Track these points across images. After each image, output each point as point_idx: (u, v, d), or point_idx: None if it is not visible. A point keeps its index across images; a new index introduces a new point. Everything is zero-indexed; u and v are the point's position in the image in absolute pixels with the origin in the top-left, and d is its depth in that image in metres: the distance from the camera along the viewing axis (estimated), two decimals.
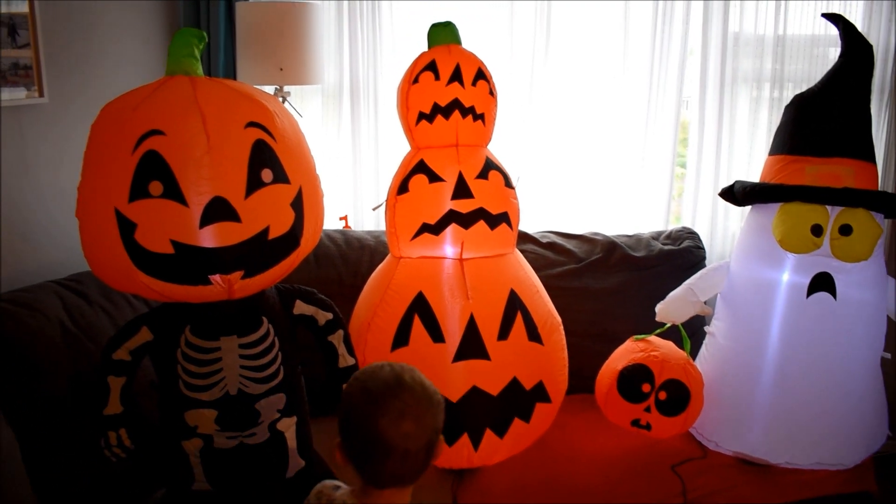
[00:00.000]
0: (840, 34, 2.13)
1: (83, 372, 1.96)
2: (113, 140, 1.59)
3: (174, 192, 1.54)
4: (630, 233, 2.80)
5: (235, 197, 1.58)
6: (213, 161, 1.55)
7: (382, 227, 2.59)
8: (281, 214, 1.67)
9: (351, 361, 1.92)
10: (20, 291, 2.04)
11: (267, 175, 1.62)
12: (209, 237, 1.57)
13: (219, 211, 1.56)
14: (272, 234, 1.65)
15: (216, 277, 1.60)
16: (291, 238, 1.70)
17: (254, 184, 1.60)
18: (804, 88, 2.24)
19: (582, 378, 2.35)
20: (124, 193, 1.55)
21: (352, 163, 3.03)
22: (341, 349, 1.91)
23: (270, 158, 1.64)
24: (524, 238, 2.68)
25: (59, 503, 1.92)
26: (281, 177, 1.65)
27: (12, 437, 1.85)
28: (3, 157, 2.16)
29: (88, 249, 1.67)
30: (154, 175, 1.54)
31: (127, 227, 1.56)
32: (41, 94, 2.26)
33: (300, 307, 1.86)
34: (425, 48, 2.15)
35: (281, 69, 2.58)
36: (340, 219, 2.98)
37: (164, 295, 1.65)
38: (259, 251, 1.64)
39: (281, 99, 2.75)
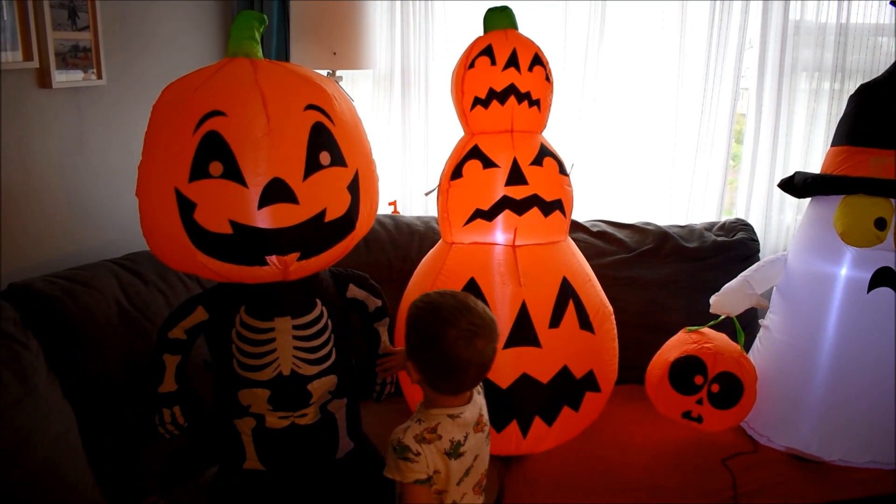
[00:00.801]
0: None
1: (138, 350, 1.99)
2: (174, 120, 1.60)
3: (234, 173, 1.55)
4: (682, 223, 2.76)
5: (294, 179, 1.58)
6: (273, 143, 1.56)
7: (431, 212, 2.60)
8: (338, 197, 1.67)
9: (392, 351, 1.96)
10: (77, 270, 2.07)
11: (325, 158, 1.63)
12: (267, 218, 1.57)
13: (277, 192, 1.57)
14: (329, 217, 1.65)
15: (272, 258, 1.61)
16: (347, 221, 1.70)
17: (312, 166, 1.61)
18: (865, 79, 2.19)
19: (631, 369, 2.33)
20: (185, 173, 1.56)
21: (401, 148, 3.03)
22: (384, 337, 1.94)
23: (328, 141, 1.64)
24: (574, 227, 2.65)
25: (115, 478, 1.96)
26: (338, 160, 1.66)
27: (70, 412, 1.89)
28: (61, 138, 2.20)
29: (147, 228, 1.69)
30: (214, 155, 1.55)
31: (186, 207, 1.57)
32: (99, 76, 2.29)
33: (353, 291, 1.87)
34: (479, 33, 2.13)
35: (334, 53, 2.59)
36: (389, 204, 2.99)
37: (220, 275, 1.66)
38: (315, 233, 1.64)
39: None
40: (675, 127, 2.92)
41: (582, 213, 2.77)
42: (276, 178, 1.57)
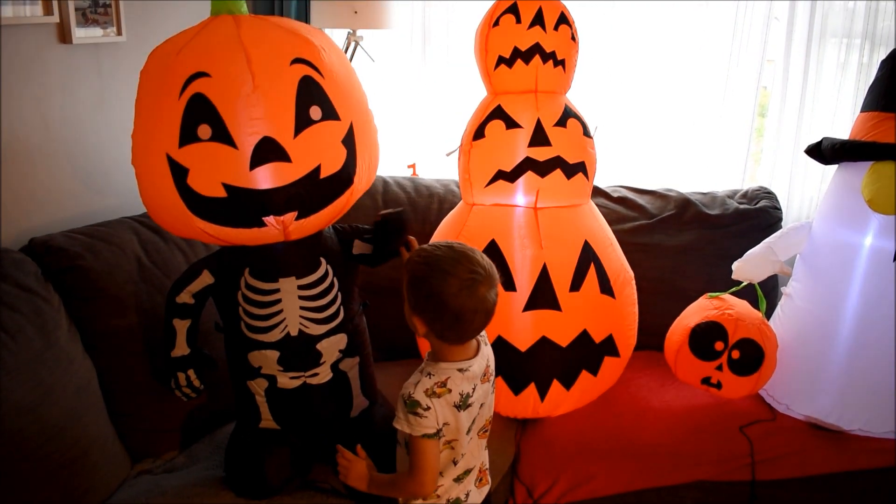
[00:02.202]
0: None
1: (158, 305, 1.99)
2: (160, 85, 1.58)
3: (223, 135, 1.53)
4: (705, 190, 2.73)
5: (284, 136, 1.56)
6: (260, 101, 1.53)
7: (451, 175, 2.58)
8: (332, 152, 1.64)
9: None
10: (97, 226, 2.08)
11: (316, 112, 1.60)
12: (260, 178, 1.56)
13: (268, 151, 1.54)
14: (324, 173, 1.63)
15: (270, 219, 1.59)
16: (344, 176, 1.68)
17: (302, 122, 1.58)
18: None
19: (649, 335, 2.33)
20: (174, 138, 1.55)
21: (421, 110, 3.00)
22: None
23: (318, 95, 1.61)
24: (595, 192, 2.62)
25: (135, 431, 1.99)
26: (330, 113, 1.63)
27: (90, 367, 1.91)
28: (81, 95, 2.20)
29: (146, 196, 1.68)
30: (202, 118, 1.53)
31: (179, 173, 1.56)
32: (119, 33, 2.27)
33: (359, 247, 1.85)
34: None
35: (356, 12, 2.55)
36: (409, 167, 2.97)
37: (220, 239, 1.66)
38: (311, 191, 1.62)
39: (354, 43, 2.73)
40: (700, 92, 2.87)
41: (603, 178, 2.74)
42: (266, 137, 1.54)
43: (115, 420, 1.95)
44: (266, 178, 1.56)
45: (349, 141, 1.67)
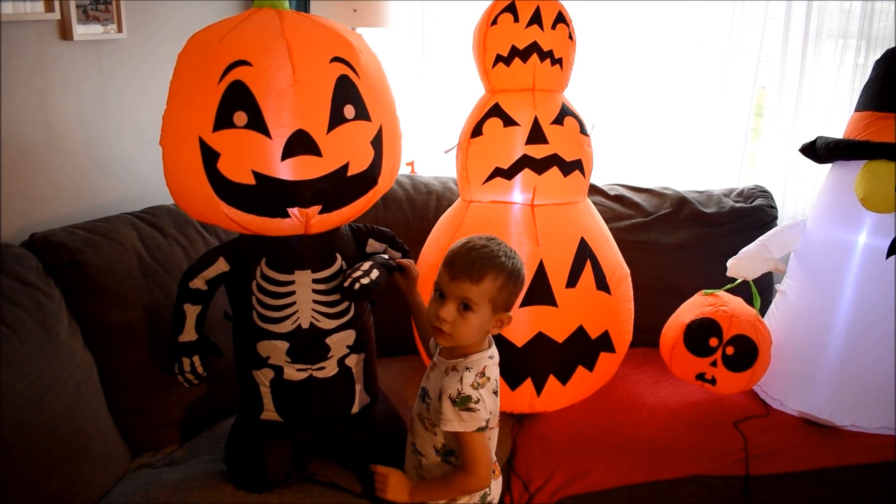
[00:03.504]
0: None
1: (158, 301, 2.01)
2: (199, 69, 1.59)
3: (258, 123, 1.55)
4: (701, 189, 2.75)
5: (317, 131, 1.58)
6: (298, 94, 1.56)
7: (449, 173, 2.60)
8: (361, 151, 1.67)
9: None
10: (98, 222, 2.09)
11: (349, 111, 1.62)
12: (290, 170, 1.58)
13: (300, 144, 1.57)
14: (351, 171, 1.65)
15: (294, 211, 1.61)
16: (370, 176, 1.70)
17: (336, 119, 1.60)
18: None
19: (645, 332, 2.35)
20: (209, 122, 1.56)
21: (420, 108, 3.02)
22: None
23: (353, 95, 1.64)
24: (592, 190, 2.62)
25: (135, 425, 2.00)
26: (363, 114, 1.65)
27: (91, 361, 1.92)
28: (82, 91, 2.21)
29: (171, 178, 1.69)
30: (239, 105, 1.55)
31: (210, 157, 1.58)
32: (120, 30, 2.28)
33: (373, 245, 1.87)
34: None
35: (355, 10, 2.57)
36: (407, 164, 2.98)
37: (242, 226, 1.67)
38: (338, 187, 1.64)
39: None
40: (697, 93, 2.89)
41: (600, 176, 2.76)
42: (299, 130, 1.56)
43: (115, 414, 1.96)
44: (296, 169, 1.58)
45: (377, 142, 1.70)
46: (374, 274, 1.71)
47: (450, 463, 1.56)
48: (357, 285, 1.67)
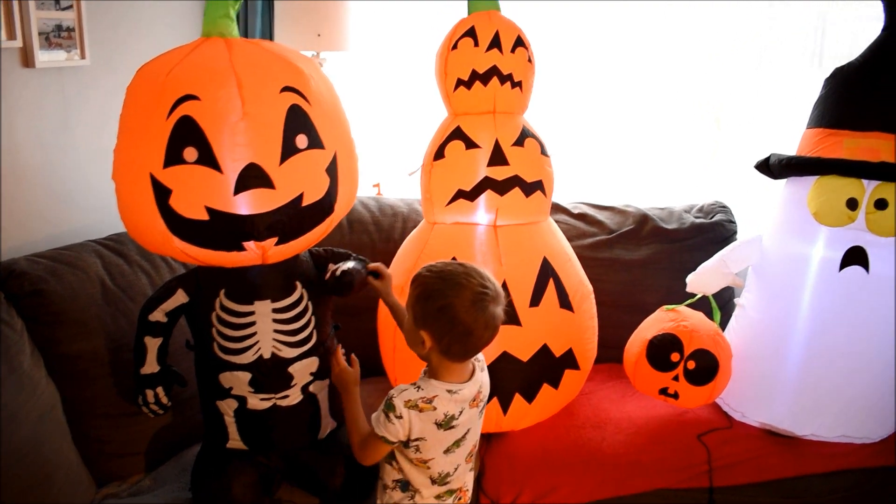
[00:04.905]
0: (884, 7, 2.10)
1: (122, 329, 2.00)
2: (148, 104, 1.58)
3: (208, 159, 1.54)
4: (662, 206, 2.79)
5: (270, 163, 1.57)
6: (248, 127, 1.55)
7: (414, 195, 2.61)
8: (315, 180, 1.66)
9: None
10: (61, 250, 2.08)
11: (302, 141, 1.62)
12: (243, 204, 1.57)
13: (253, 178, 1.56)
14: (306, 201, 1.64)
15: (249, 244, 1.60)
16: (326, 204, 1.70)
17: (288, 150, 1.60)
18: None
19: (610, 348, 2.37)
20: (159, 159, 1.55)
21: (385, 130, 3.04)
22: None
23: (305, 124, 1.63)
24: (555, 208, 2.67)
25: (100, 455, 1.98)
26: (316, 142, 1.65)
27: (54, 391, 1.90)
28: (45, 118, 2.20)
29: (125, 212, 1.68)
30: (189, 141, 1.54)
31: (162, 193, 1.56)
32: (83, 56, 2.28)
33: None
34: (462, 15, 2.14)
35: (319, 35, 2.59)
36: (373, 186, 3.00)
37: (198, 260, 1.66)
38: (293, 218, 1.63)
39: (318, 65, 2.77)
40: (657, 111, 2.95)
41: (563, 194, 2.79)
42: (251, 164, 1.55)
43: (79, 444, 1.93)
44: (249, 203, 1.57)
45: (332, 170, 1.69)
46: (350, 264, 1.74)
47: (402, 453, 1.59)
48: (339, 271, 1.69)
